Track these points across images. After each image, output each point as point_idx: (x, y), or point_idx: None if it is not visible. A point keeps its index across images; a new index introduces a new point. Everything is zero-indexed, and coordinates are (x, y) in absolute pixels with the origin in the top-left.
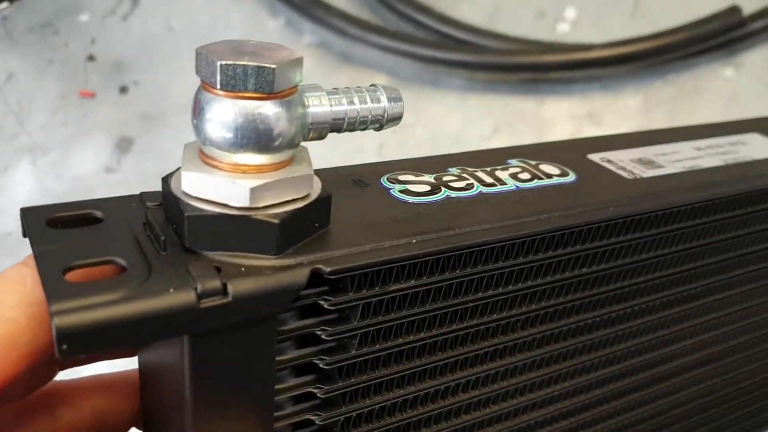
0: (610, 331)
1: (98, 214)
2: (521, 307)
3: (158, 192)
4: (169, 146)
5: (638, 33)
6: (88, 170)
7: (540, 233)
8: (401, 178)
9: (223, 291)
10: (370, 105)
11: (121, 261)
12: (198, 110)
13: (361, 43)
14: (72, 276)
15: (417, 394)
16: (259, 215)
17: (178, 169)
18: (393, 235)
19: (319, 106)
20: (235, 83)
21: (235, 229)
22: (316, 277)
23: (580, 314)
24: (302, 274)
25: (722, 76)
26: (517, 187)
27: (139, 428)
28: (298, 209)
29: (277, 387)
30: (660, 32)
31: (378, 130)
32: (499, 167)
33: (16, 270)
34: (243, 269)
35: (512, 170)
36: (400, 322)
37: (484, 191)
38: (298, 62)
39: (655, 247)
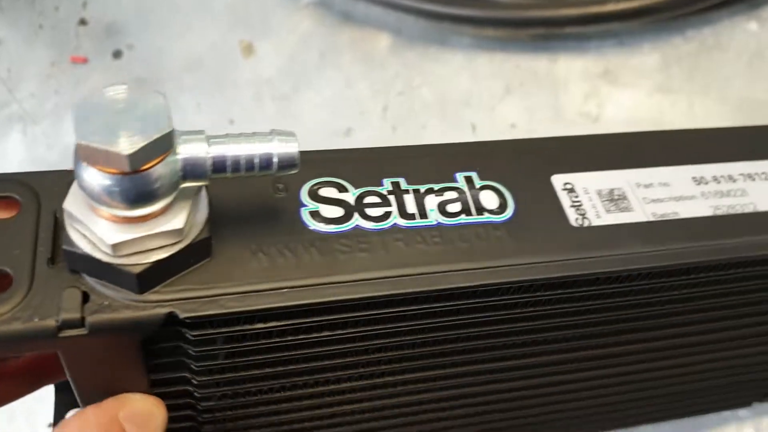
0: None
1: (17, 197)
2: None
3: None
4: None
5: None
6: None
7: (413, 294)
8: (321, 192)
9: (82, 323)
10: (257, 145)
11: (9, 271)
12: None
13: (363, 0)
14: None
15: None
16: (121, 264)
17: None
18: (264, 279)
19: (193, 153)
20: (92, 160)
21: (103, 268)
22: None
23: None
24: (159, 315)
25: (745, 30)
26: (438, 223)
27: None
28: (164, 259)
29: (153, 378)
30: None
31: (276, 175)
32: (437, 186)
33: None
34: (107, 303)
35: (447, 195)
36: (265, 346)
37: (399, 224)
38: (162, 140)
39: (552, 315)
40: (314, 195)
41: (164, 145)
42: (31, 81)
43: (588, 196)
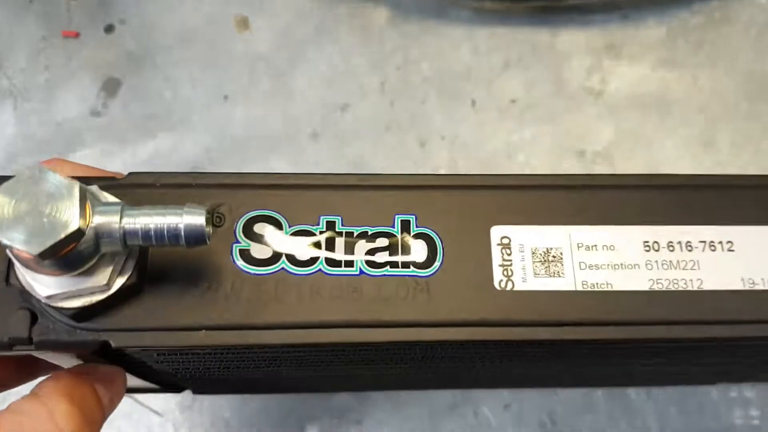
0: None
1: None
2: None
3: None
4: (158, 87)
5: None
6: (73, 114)
7: (320, 345)
8: (256, 228)
9: (30, 342)
10: (167, 218)
11: None
12: None
13: None
14: None
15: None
16: (55, 306)
17: None
18: (188, 319)
19: (107, 225)
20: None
21: (45, 305)
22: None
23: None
24: (96, 343)
25: (754, 2)
26: (361, 272)
27: None
28: (93, 304)
29: None
30: None
31: (189, 247)
32: (372, 230)
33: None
34: (52, 326)
35: (378, 242)
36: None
37: (324, 271)
38: (70, 237)
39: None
40: (248, 231)
41: (73, 239)
42: (22, 56)
43: (521, 255)
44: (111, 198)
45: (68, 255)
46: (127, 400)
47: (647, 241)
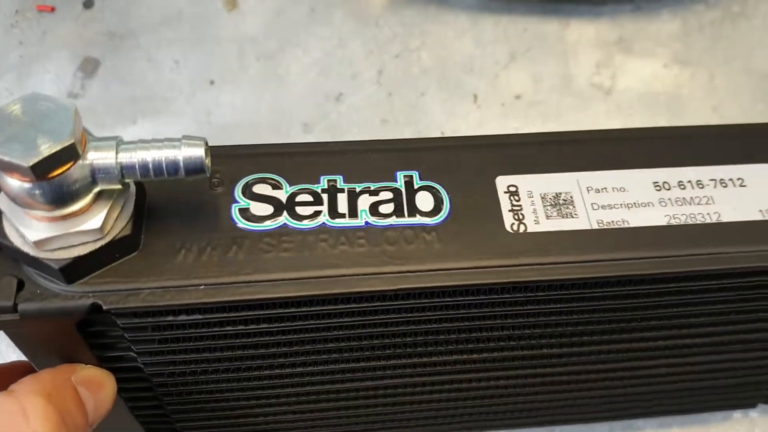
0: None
1: None
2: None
3: None
4: (140, 68)
5: None
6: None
7: (325, 296)
8: (255, 189)
9: (15, 309)
10: (165, 151)
11: None
12: None
13: None
14: None
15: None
16: (45, 258)
17: None
18: (185, 275)
19: (103, 160)
20: (4, 169)
21: (33, 260)
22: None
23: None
24: (84, 305)
25: None
26: (367, 223)
27: None
28: (85, 254)
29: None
30: None
31: (188, 177)
32: (374, 186)
33: None
34: (39, 291)
35: (382, 195)
36: (194, 335)
37: (327, 224)
38: (65, 151)
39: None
40: (247, 192)
41: (67, 155)
42: None
43: (530, 200)
44: None
45: (63, 185)
46: None
47: (657, 182)
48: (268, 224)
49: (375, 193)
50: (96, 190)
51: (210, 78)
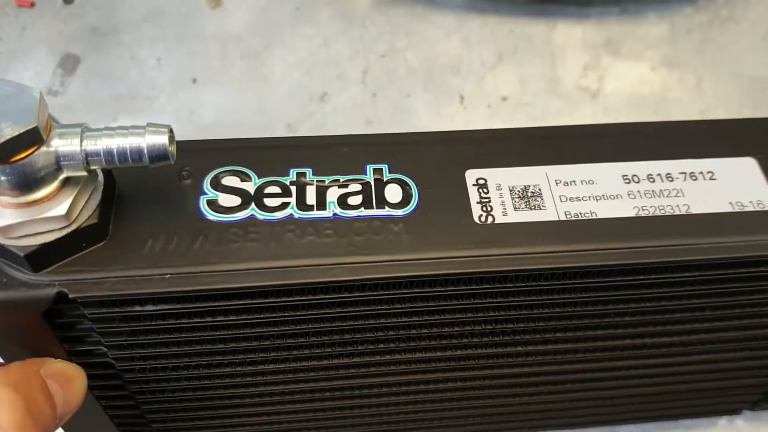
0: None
1: None
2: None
3: None
4: (122, 66)
5: None
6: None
7: (290, 285)
8: (224, 181)
9: None
10: (129, 138)
11: None
12: None
13: None
14: None
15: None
16: (10, 245)
17: None
18: (151, 265)
19: (67, 146)
20: None
21: None
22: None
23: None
24: (50, 294)
25: (763, 1)
26: (335, 215)
27: None
28: (51, 242)
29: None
30: None
31: (152, 164)
32: (344, 178)
33: None
34: (4, 280)
35: (351, 188)
36: (162, 327)
37: (294, 216)
38: (28, 134)
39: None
40: (216, 184)
41: (30, 139)
42: None
43: (499, 193)
44: None
45: (28, 171)
46: None
47: (626, 175)
48: (236, 215)
49: (344, 185)
50: (62, 176)
51: (193, 76)
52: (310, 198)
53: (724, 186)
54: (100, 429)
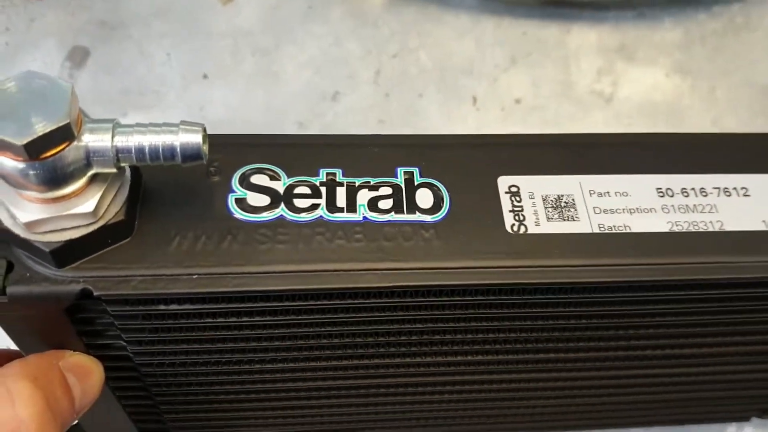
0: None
1: None
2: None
3: None
4: (131, 60)
5: None
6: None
7: (319, 291)
8: (253, 179)
9: (3, 292)
10: (162, 136)
11: None
12: None
13: None
14: None
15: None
16: (36, 240)
17: None
18: (177, 264)
19: (98, 142)
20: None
21: (23, 242)
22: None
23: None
24: (74, 290)
25: None
26: (365, 218)
27: None
28: (77, 238)
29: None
30: None
31: (185, 163)
32: (374, 180)
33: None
34: (28, 274)
35: (381, 191)
36: (185, 325)
37: (324, 218)
38: (60, 131)
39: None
40: (245, 182)
41: (62, 135)
42: None
43: (532, 201)
44: None
45: (57, 166)
46: None
47: (660, 188)
48: (265, 215)
49: (374, 188)
50: (90, 173)
51: (203, 72)
52: (340, 200)
53: (758, 203)
54: (114, 420)
